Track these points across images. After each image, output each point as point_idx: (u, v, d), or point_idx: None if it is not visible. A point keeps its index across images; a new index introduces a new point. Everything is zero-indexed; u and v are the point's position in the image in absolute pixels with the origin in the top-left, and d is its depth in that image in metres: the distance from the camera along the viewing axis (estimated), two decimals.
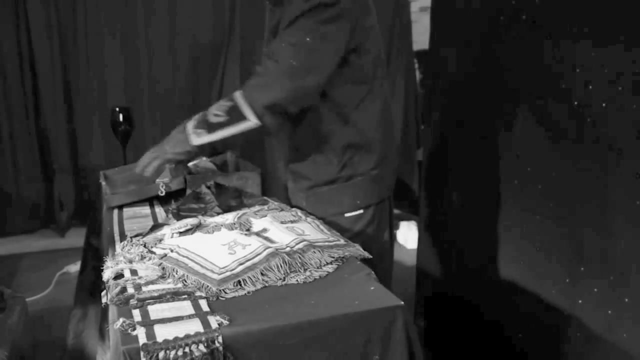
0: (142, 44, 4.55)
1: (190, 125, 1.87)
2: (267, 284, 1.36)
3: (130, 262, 1.44)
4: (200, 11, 4.63)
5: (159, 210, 1.98)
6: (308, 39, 1.78)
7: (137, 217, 1.91)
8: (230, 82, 4.72)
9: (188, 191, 2.06)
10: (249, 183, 2.11)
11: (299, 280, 1.39)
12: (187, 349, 1.09)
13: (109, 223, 1.85)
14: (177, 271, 1.38)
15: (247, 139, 1.90)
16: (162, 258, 1.45)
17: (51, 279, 3.76)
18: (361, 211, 2.00)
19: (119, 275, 1.38)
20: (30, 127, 4.37)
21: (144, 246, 1.53)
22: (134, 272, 1.38)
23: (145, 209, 1.99)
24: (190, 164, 2.30)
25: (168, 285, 1.33)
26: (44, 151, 4.47)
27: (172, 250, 1.48)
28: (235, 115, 1.80)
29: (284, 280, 1.38)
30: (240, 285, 1.34)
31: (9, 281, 3.74)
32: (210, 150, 1.93)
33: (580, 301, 2.03)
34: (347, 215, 2.00)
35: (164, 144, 1.90)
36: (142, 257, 1.46)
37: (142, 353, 1.06)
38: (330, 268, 1.46)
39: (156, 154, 1.91)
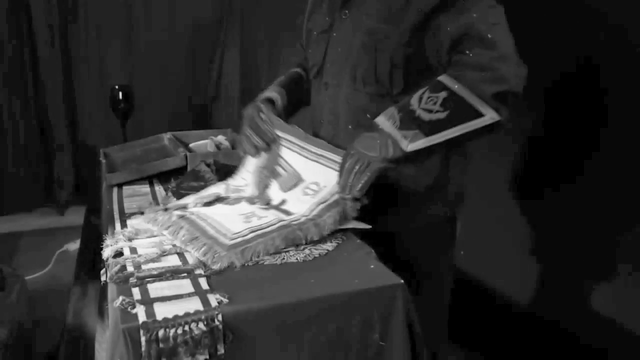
0: (142, 23, 4.51)
1: (390, 125, 1.52)
2: (268, 256, 1.39)
3: (130, 240, 1.44)
4: None
5: (159, 189, 1.97)
6: (503, 18, 1.53)
7: (137, 195, 1.90)
8: (230, 60, 4.70)
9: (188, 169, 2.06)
10: None
11: (298, 258, 1.39)
12: (186, 327, 1.09)
13: (109, 201, 1.84)
14: (187, 231, 1.43)
15: (470, 139, 1.54)
16: (180, 217, 1.50)
17: (50, 257, 3.76)
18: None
19: (118, 254, 1.37)
20: (30, 105, 4.35)
21: (166, 210, 1.58)
22: (133, 250, 1.38)
23: (145, 187, 1.98)
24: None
25: (168, 263, 1.33)
26: (44, 129, 4.45)
27: (191, 214, 1.53)
28: (459, 109, 1.47)
29: (284, 259, 1.38)
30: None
31: (8, 260, 3.73)
32: (425, 155, 1.55)
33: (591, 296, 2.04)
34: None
35: (361, 148, 1.51)
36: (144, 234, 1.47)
37: (141, 331, 1.06)
38: (330, 246, 1.45)
39: (360, 163, 1.50)
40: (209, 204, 1.64)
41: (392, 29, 1.59)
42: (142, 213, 1.64)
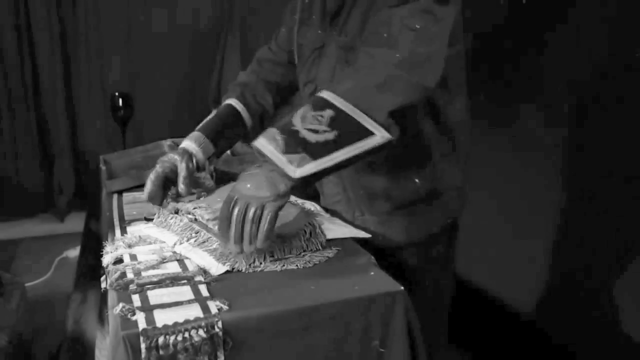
0: (142, 30, 4.54)
1: (273, 150, 1.29)
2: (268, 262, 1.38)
3: (130, 246, 1.44)
4: None
5: None
6: (428, 24, 1.36)
7: (137, 201, 1.89)
8: (230, 68, 4.70)
9: None
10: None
11: (298, 265, 1.38)
12: (186, 334, 1.09)
13: (109, 208, 1.84)
14: (202, 234, 1.45)
15: (366, 157, 1.35)
16: (192, 221, 1.52)
17: (50, 264, 3.76)
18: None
19: (118, 260, 1.37)
20: (30, 111, 4.36)
21: (176, 212, 1.59)
22: (133, 257, 1.38)
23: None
24: None
25: (168, 270, 1.33)
26: (44, 135, 4.46)
27: (202, 217, 1.54)
28: (348, 128, 1.29)
29: (284, 266, 1.38)
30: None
31: (8, 266, 3.74)
32: (315, 180, 1.34)
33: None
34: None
35: (250, 189, 1.28)
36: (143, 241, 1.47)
37: (141, 338, 1.06)
38: (330, 253, 1.45)
39: (253, 208, 1.27)
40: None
41: (361, 43, 1.51)
42: (149, 219, 1.65)
